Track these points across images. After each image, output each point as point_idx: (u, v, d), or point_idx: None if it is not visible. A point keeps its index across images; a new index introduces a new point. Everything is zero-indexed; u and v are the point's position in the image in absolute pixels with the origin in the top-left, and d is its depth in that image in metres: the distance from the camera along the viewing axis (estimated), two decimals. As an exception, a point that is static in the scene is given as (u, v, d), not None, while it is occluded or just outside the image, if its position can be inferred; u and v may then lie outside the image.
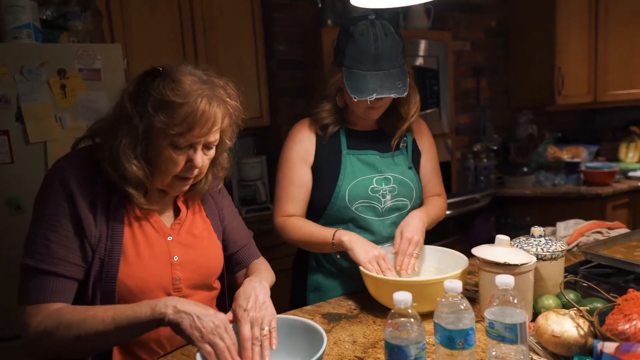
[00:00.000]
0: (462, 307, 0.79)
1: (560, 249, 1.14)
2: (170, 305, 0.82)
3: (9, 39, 1.78)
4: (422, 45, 2.83)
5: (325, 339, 0.86)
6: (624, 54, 3.06)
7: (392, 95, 1.26)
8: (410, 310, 0.76)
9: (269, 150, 2.88)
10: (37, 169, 1.71)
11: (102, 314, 0.83)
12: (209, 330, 0.80)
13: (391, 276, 1.16)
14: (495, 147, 3.05)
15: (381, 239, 1.36)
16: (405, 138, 1.44)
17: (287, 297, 1.51)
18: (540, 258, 1.13)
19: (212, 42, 2.58)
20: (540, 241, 1.17)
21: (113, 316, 0.83)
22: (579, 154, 3.09)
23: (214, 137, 0.94)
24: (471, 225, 2.76)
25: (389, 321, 0.76)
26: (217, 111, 0.91)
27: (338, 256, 1.31)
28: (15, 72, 1.69)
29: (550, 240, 1.17)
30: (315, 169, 1.38)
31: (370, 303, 1.21)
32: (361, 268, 1.19)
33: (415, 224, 1.28)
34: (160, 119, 0.87)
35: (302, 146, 1.37)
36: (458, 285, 0.79)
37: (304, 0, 2.75)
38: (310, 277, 1.41)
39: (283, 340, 0.92)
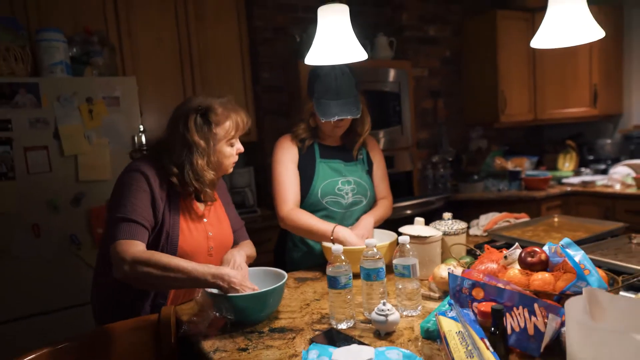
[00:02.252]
0: (377, 257, 1.25)
1: (461, 227, 1.62)
2: (227, 280, 1.23)
3: (46, 74, 2.23)
4: (386, 72, 3.33)
5: (286, 275, 1.33)
6: (558, 80, 3.61)
7: (349, 117, 1.72)
8: (342, 257, 1.22)
9: (255, 162, 3.34)
10: (70, 176, 2.15)
11: (184, 264, 1.23)
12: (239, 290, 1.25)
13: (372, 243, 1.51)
14: (450, 159, 3.54)
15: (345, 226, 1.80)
16: (361, 151, 1.91)
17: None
18: (446, 233, 1.60)
19: (207, 71, 3.05)
20: (448, 222, 1.64)
21: (190, 270, 1.22)
22: (523, 164, 3.60)
23: None
24: (429, 223, 3.22)
25: (329, 263, 1.22)
26: (244, 115, 1.45)
27: (334, 244, 1.62)
28: (53, 100, 2.13)
29: (455, 221, 1.65)
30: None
31: (329, 270, 1.67)
32: (322, 243, 1.65)
33: (364, 224, 1.73)
34: (221, 133, 1.39)
35: (290, 152, 1.80)
36: (373, 241, 1.26)
37: (285, 35, 3.25)
38: (287, 255, 1.86)
39: (259, 282, 1.36)
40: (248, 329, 1.24)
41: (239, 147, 1.48)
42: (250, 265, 1.47)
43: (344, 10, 1.28)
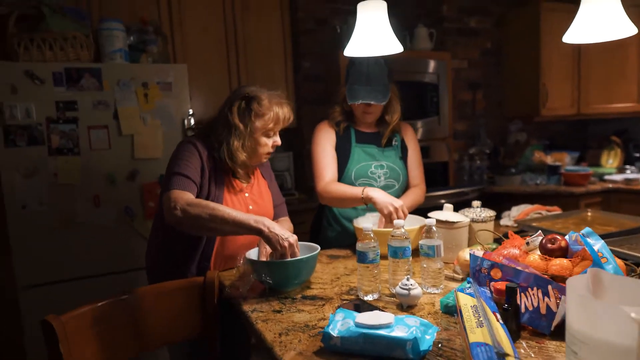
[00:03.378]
0: (404, 237, 1.35)
1: (489, 215, 1.68)
2: (267, 226, 1.35)
3: (107, 60, 2.43)
4: (425, 63, 3.36)
5: (319, 247, 1.45)
6: (604, 74, 3.52)
7: (372, 102, 1.81)
8: (371, 235, 1.32)
9: (294, 148, 3.47)
10: (126, 153, 2.35)
11: (229, 210, 1.36)
12: (285, 246, 1.34)
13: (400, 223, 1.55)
14: (487, 151, 3.54)
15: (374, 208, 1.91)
16: (396, 138, 2.00)
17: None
18: (474, 220, 1.67)
19: (251, 60, 3.19)
20: (476, 210, 1.71)
21: (235, 215, 1.35)
22: (563, 159, 3.56)
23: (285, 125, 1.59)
24: (459, 211, 3.25)
25: (359, 240, 1.33)
26: (287, 111, 1.56)
27: (366, 207, 1.79)
28: (114, 84, 2.33)
29: (484, 210, 1.71)
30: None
31: (359, 249, 1.77)
32: (354, 223, 1.76)
33: None
34: (259, 122, 1.52)
35: (328, 135, 1.93)
36: (401, 222, 1.35)
37: (326, 26, 3.34)
38: (322, 234, 1.99)
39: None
40: (283, 295, 1.37)
41: (276, 140, 1.58)
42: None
43: (382, 5, 1.37)
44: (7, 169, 2.13)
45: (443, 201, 3.15)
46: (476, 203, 1.74)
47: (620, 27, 1.27)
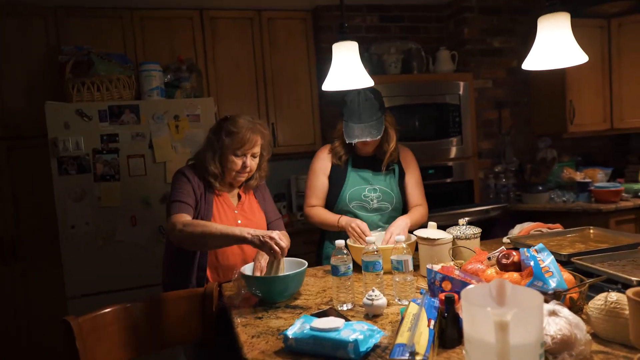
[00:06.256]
0: (375, 252, 1.48)
1: (472, 233, 1.76)
2: (249, 232, 1.53)
3: (145, 97, 2.77)
4: (447, 85, 3.45)
5: (306, 263, 1.60)
6: (637, 88, 3.42)
7: (368, 139, 1.96)
8: (344, 249, 1.47)
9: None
10: (160, 179, 2.65)
11: (217, 225, 1.60)
12: (267, 240, 1.50)
13: (367, 236, 1.80)
14: (513, 169, 3.53)
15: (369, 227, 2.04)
16: (393, 166, 2.12)
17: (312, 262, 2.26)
18: (457, 237, 1.75)
19: (278, 89, 3.45)
20: (461, 228, 1.79)
21: (222, 228, 1.57)
22: (595, 176, 3.46)
23: (257, 150, 1.78)
24: (491, 231, 3.24)
25: (333, 254, 1.48)
26: (256, 136, 1.75)
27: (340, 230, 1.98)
28: (149, 118, 2.65)
29: (469, 227, 1.79)
30: (329, 178, 2.12)
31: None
32: (349, 243, 1.90)
33: (399, 223, 1.96)
34: (228, 140, 1.73)
35: (323, 164, 2.12)
36: (373, 239, 1.49)
37: (349, 53, 3.53)
38: (323, 251, 2.15)
39: (286, 270, 1.65)
40: (270, 304, 1.54)
41: (247, 162, 1.76)
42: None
43: (354, 45, 1.54)
44: (60, 195, 2.49)
45: (461, 219, 3.18)
46: (462, 221, 1.82)
47: (572, 55, 1.35)
